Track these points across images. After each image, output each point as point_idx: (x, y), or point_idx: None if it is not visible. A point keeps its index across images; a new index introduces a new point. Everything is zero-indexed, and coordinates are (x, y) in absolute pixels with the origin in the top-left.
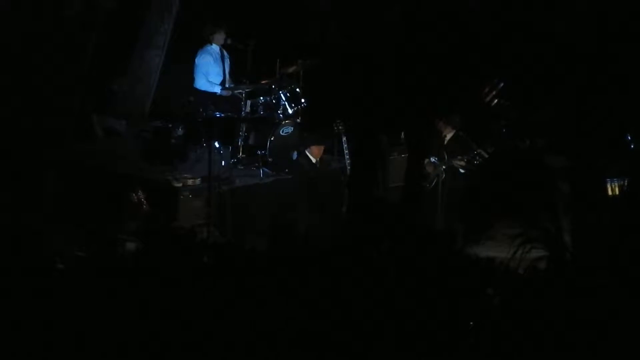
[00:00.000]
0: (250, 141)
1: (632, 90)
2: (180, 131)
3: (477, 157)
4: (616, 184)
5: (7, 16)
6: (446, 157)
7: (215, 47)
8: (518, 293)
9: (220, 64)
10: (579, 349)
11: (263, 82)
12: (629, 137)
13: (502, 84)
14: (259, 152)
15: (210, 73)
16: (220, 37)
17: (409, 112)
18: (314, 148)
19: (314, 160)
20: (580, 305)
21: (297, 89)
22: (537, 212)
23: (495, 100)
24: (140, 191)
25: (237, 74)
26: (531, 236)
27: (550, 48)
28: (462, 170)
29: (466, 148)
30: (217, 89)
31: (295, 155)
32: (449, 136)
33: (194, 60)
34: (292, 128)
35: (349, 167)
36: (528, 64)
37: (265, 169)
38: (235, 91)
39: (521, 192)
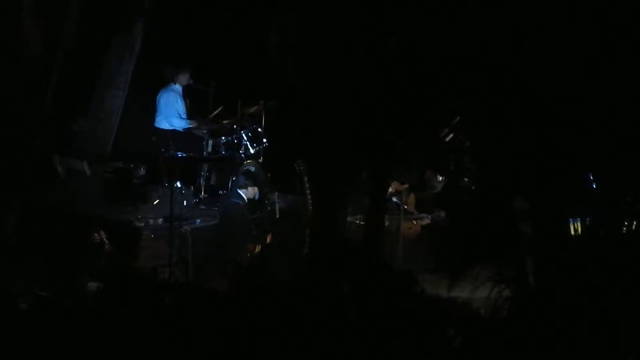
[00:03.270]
0: (212, 181)
1: (591, 130)
2: (142, 171)
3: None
4: (579, 224)
5: None
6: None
7: (178, 87)
8: (479, 334)
9: (184, 103)
10: None
11: (225, 121)
12: (591, 177)
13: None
14: (221, 191)
15: (180, 110)
16: (184, 77)
17: (372, 151)
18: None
19: (246, 199)
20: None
21: (259, 129)
22: (501, 254)
23: (452, 137)
24: (102, 231)
25: (198, 114)
26: (495, 277)
27: (506, 84)
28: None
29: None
30: (186, 124)
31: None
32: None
33: (157, 100)
34: (254, 168)
35: (310, 207)
36: (484, 98)
37: None
38: (197, 131)
39: (485, 233)
